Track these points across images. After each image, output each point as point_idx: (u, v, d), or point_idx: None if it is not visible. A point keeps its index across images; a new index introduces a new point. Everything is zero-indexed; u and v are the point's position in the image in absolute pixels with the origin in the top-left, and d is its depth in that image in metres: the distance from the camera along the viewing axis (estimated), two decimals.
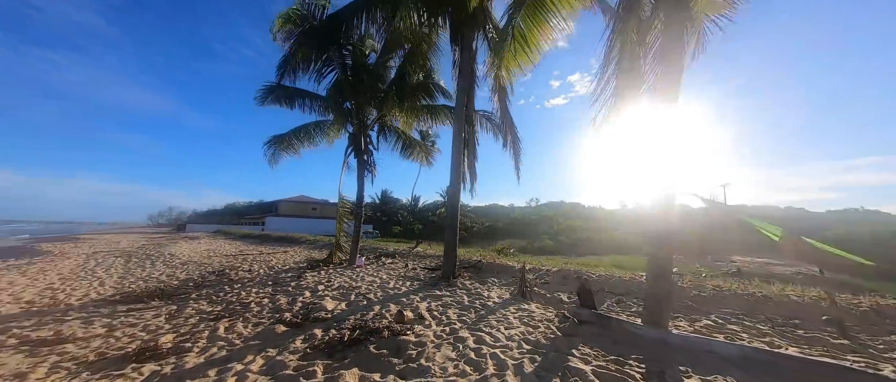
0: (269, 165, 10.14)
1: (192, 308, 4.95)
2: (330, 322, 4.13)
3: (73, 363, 3.09)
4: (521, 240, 30.94)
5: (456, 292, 5.70)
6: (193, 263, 10.54)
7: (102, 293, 6.04)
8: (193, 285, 6.89)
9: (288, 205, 47.35)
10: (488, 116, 9.38)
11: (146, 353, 3.25)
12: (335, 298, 5.35)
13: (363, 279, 6.99)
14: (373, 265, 9.24)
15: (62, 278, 7.59)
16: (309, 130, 10.46)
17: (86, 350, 3.40)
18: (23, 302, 5.28)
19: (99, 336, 3.80)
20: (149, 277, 7.93)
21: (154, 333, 3.91)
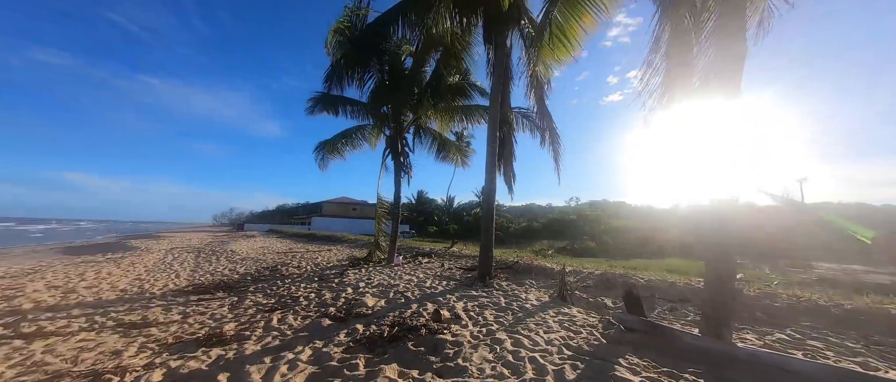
0: (319, 168, 10.86)
1: (250, 300, 5.46)
2: (371, 318, 4.31)
3: (156, 344, 3.56)
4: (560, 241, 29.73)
5: (492, 293, 5.64)
6: (250, 259, 11.60)
7: (178, 285, 6.88)
8: (251, 279, 7.58)
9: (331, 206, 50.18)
10: (525, 114, 9.16)
11: (213, 339, 3.64)
12: (375, 295, 5.56)
13: (401, 277, 7.19)
14: (410, 263, 9.47)
15: (147, 270, 8.77)
16: (351, 134, 11.02)
17: (165, 333, 3.90)
18: (118, 290, 6.20)
19: (176, 322, 4.33)
20: (214, 271, 8.88)
21: (219, 321, 4.37)
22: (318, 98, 10.07)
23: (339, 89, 9.81)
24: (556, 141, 8.25)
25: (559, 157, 8.35)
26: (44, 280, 6.67)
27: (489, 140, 7.08)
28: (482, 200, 7.82)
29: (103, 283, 6.71)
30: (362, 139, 11.37)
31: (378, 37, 8.41)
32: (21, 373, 2.83)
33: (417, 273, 7.68)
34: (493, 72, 7.21)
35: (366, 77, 9.56)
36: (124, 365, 2.99)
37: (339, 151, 11.03)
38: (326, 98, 10.04)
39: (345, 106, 10.42)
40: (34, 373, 2.83)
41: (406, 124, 10.52)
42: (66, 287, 6.17)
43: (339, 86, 9.68)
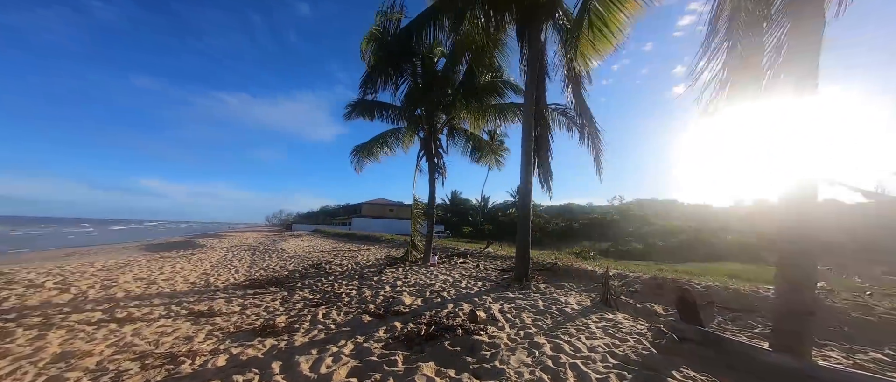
0: (355, 171, 11.38)
1: (299, 295, 5.86)
2: (408, 316, 4.41)
3: (220, 332, 3.96)
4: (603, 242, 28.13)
5: (530, 295, 5.49)
6: (298, 257, 12.45)
7: (237, 279, 7.59)
8: (298, 275, 8.14)
9: (369, 207, 52.25)
10: (563, 110, 8.82)
11: (267, 330, 3.97)
12: (412, 294, 5.68)
13: (437, 277, 7.27)
14: (445, 263, 9.54)
15: (212, 265, 9.78)
16: (386, 137, 11.39)
17: (228, 323, 4.32)
18: (189, 283, 6.99)
19: (235, 313, 4.78)
20: (267, 267, 9.66)
21: (272, 313, 4.75)
22: (355, 104, 10.53)
23: (374, 94, 10.18)
24: (596, 137, 7.83)
25: (600, 154, 7.91)
26: (132, 273, 7.72)
27: (524, 138, 6.91)
28: (518, 199, 7.67)
29: (177, 276, 7.61)
30: (397, 142, 11.71)
31: (410, 41, 8.62)
32: (116, 352, 3.30)
33: (453, 273, 7.72)
34: (527, 68, 7.04)
35: (399, 81, 9.82)
36: (195, 350, 3.36)
37: (375, 154, 11.45)
38: (362, 103, 10.47)
39: (380, 110, 10.81)
40: (126, 352, 3.29)
41: (439, 126, 10.64)
42: (149, 279, 7.09)
43: (373, 91, 10.05)
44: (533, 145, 7.07)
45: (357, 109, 10.59)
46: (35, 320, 4.11)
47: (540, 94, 7.46)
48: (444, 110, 10.30)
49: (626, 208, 41.66)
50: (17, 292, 5.32)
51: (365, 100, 10.33)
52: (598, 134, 7.83)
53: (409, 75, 9.81)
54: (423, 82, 9.89)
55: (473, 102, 9.52)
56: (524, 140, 6.91)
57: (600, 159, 7.93)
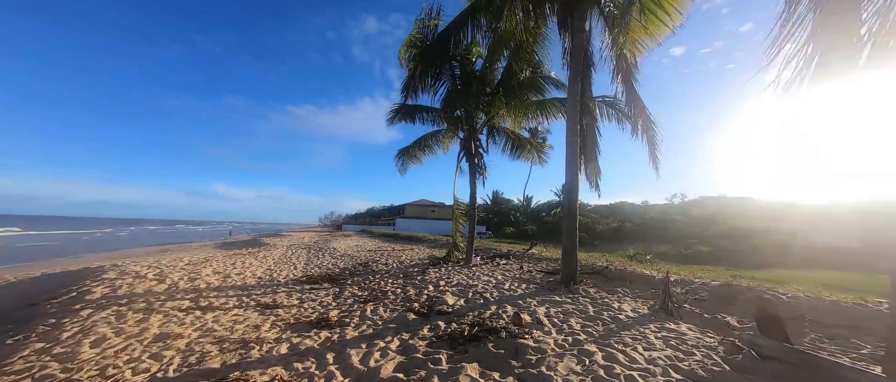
0: (400, 173, 11.81)
1: (349, 292, 6.22)
2: (451, 316, 4.44)
3: (282, 323, 4.35)
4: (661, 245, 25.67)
5: (578, 299, 5.21)
6: (347, 255, 13.23)
7: (296, 275, 8.29)
8: (348, 273, 8.64)
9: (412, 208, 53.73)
10: (610, 103, 8.26)
11: (322, 322, 4.27)
12: (455, 294, 5.72)
13: (479, 278, 7.23)
14: (487, 264, 9.45)
15: (275, 262, 10.81)
16: (427, 140, 11.64)
17: (288, 314, 4.74)
18: (256, 277, 7.80)
19: (295, 306, 5.23)
20: (321, 265, 10.41)
21: (326, 308, 5.10)
22: (397, 109, 10.91)
23: (415, 99, 10.44)
24: (651, 129, 7.18)
25: (656, 147, 7.24)
26: (211, 268, 8.83)
27: (568, 134, 6.59)
28: (563, 198, 7.33)
29: (246, 271, 8.54)
30: (437, 144, 11.88)
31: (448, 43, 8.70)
32: (201, 335, 3.80)
33: (495, 275, 7.61)
34: (571, 61, 6.70)
35: (438, 84, 9.97)
36: (262, 337, 3.74)
37: (417, 156, 11.75)
38: (404, 108, 10.82)
39: (420, 113, 11.08)
40: (208, 336, 3.77)
41: (479, 126, 10.58)
42: (224, 273, 8.05)
43: (414, 95, 10.31)
44: (578, 141, 6.71)
45: (399, 113, 10.97)
46: (140, 305, 4.89)
47: (585, 86, 7.06)
48: (483, 110, 10.23)
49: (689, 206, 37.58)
50: (128, 281, 6.38)
51: (406, 105, 10.66)
52: (652, 126, 7.18)
53: (447, 78, 9.91)
54: (461, 84, 9.93)
55: (513, 99, 9.32)
56: (568, 136, 6.58)
57: (656, 153, 7.26)
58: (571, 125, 6.58)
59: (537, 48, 8.30)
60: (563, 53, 7.26)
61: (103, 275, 6.86)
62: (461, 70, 10.01)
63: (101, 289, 5.69)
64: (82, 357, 3.14)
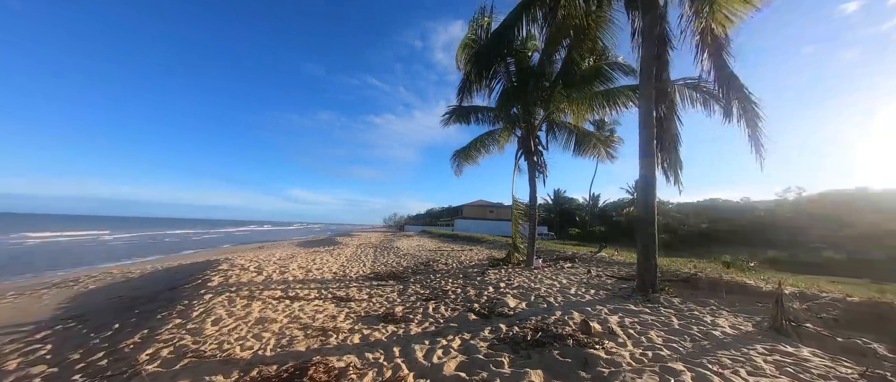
0: (455, 174, 11.99)
1: (412, 289, 6.51)
2: (512, 319, 4.33)
3: (354, 315, 4.75)
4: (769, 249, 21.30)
5: (659, 310, 4.62)
6: (410, 255, 13.87)
7: (364, 272, 8.98)
8: (411, 271, 9.05)
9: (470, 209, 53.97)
10: (694, 85, 7.19)
11: (389, 317, 4.55)
12: (516, 297, 5.56)
13: (542, 281, 6.92)
14: (550, 267, 8.99)
15: (347, 259, 11.87)
16: (483, 140, 11.59)
17: (360, 308, 5.16)
18: (332, 272, 8.66)
19: (365, 300, 5.66)
20: (386, 263, 11.10)
21: (392, 303, 5.42)
22: (451, 111, 11.04)
23: (470, 99, 10.47)
24: (751, 110, 6.00)
25: (757, 130, 6.02)
26: (296, 263, 10.10)
27: (641, 125, 5.90)
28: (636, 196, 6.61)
29: (324, 267, 9.54)
30: (493, 143, 11.75)
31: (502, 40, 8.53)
32: (290, 321, 4.37)
33: (559, 279, 7.21)
34: (642, 43, 6.00)
35: (493, 83, 9.83)
36: (338, 327, 4.14)
37: (473, 157, 11.77)
38: (459, 110, 10.90)
39: (475, 114, 11.05)
40: (295, 323, 4.32)
41: (537, 122, 10.15)
42: (307, 268, 9.12)
43: (469, 96, 10.34)
44: (654, 131, 5.96)
45: (453, 115, 11.08)
46: (245, 292, 5.82)
47: (660, 69, 6.24)
48: (541, 105, 9.78)
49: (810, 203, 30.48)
50: (236, 272, 7.65)
51: (461, 106, 10.74)
52: (753, 107, 6.00)
53: (502, 76, 9.73)
54: (517, 80, 9.64)
55: (574, 92, 8.73)
56: (642, 126, 5.90)
57: (759, 138, 6.04)
58: (645, 114, 5.89)
59: (601, 33, 7.64)
60: (632, 34, 6.55)
61: (218, 267, 8.34)
62: (516, 66, 9.73)
63: (218, 278, 6.92)
64: (206, 333, 3.86)
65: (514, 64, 9.71)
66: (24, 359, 3.68)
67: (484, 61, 9.12)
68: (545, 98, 9.23)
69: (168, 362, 3.12)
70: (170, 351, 3.34)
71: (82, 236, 31.13)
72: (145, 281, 8.54)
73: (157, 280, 8.43)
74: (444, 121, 11.30)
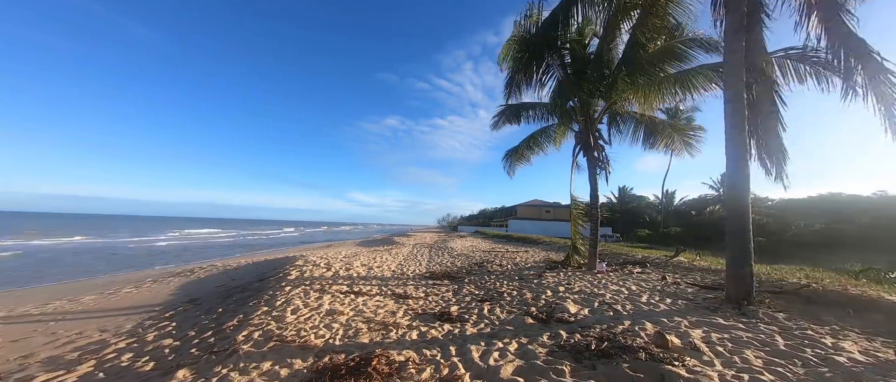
0: (508, 175, 11.71)
1: (466, 290, 6.53)
2: (573, 326, 4.07)
3: (411, 312, 4.94)
4: None
5: (757, 326, 3.92)
6: (463, 255, 13.95)
7: (420, 271, 9.29)
8: (465, 272, 9.09)
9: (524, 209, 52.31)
10: (801, 56, 5.95)
11: (444, 316, 4.63)
12: (577, 302, 5.22)
13: (606, 286, 6.39)
14: (616, 272, 8.25)
15: (404, 258, 12.41)
16: (536, 138, 11.13)
17: (417, 305, 5.34)
18: (391, 270, 9.13)
19: (421, 298, 5.85)
20: (441, 263, 11.33)
21: (447, 303, 5.50)
22: (501, 112, 10.76)
23: (519, 97, 10.12)
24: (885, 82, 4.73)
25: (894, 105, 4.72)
26: (359, 261, 10.88)
27: (728, 109, 5.07)
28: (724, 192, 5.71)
29: (384, 265, 10.12)
30: (547, 140, 11.21)
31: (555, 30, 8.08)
32: (355, 315, 4.72)
33: (627, 284, 6.57)
34: (726, 12, 5.15)
35: (545, 78, 9.37)
36: (397, 322, 4.34)
37: (526, 156, 11.36)
38: (509, 110, 10.61)
39: (526, 111, 10.63)
40: (359, 316, 4.65)
41: (597, 114, 9.41)
42: (369, 265, 9.76)
43: (517, 94, 10.00)
44: (745, 115, 5.08)
45: (503, 115, 10.80)
46: (317, 286, 6.46)
47: (753, 40, 5.30)
48: (601, 96, 9.03)
49: None
50: (309, 268, 8.53)
51: (510, 105, 10.44)
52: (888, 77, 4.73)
53: (556, 68, 9.23)
54: (572, 71, 9.06)
55: (641, 77, 7.88)
56: (728, 111, 5.07)
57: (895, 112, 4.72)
58: (733, 96, 5.05)
59: (672, 8, 6.80)
60: (713, 3, 5.67)
61: (295, 262, 9.39)
62: (571, 57, 9.16)
63: (295, 273, 7.79)
64: (287, 320, 4.38)
65: (569, 54, 9.16)
66: (157, 333, 4.59)
67: (535, 54, 8.76)
68: (606, 88, 8.51)
69: (258, 343, 3.60)
70: (259, 334, 3.86)
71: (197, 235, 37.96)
72: (240, 273, 10.01)
73: (247, 273, 9.82)
74: (494, 123, 11.10)
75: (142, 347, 4.06)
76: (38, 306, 6.65)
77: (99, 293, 7.81)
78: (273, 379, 2.79)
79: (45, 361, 3.81)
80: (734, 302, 4.75)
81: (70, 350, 4.10)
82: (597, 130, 9.32)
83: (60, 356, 3.95)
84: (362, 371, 2.81)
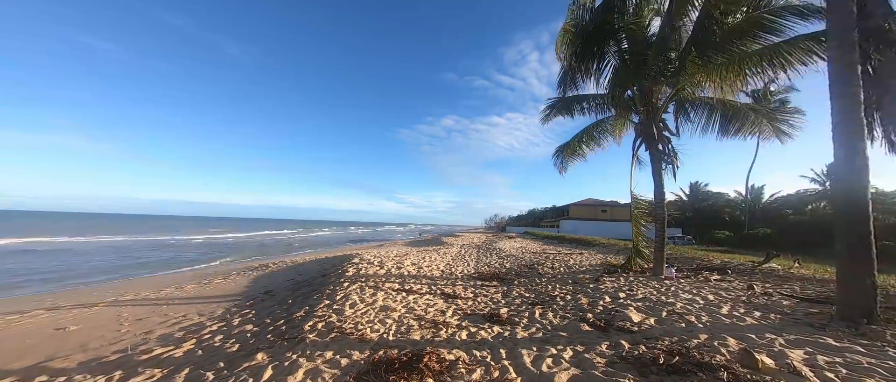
0: (559, 172, 11.11)
1: (516, 292, 6.37)
2: (637, 336, 3.73)
3: (460, 312, 4.97)
4: None
5: (884, 350, 3.18)
6: (512, 256, 13.63)
7: (469, 271, 9.29)
8: (514, 273, 8.87)
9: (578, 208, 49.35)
10: None
11: (494, 317, 4.57)
12: (641, 311, 4.77)
13: (677, 295, 5.73)
14: (688, 279, 7.36)
15: (452, 259, 12.54)
16: (591, 132, 10.43)
17: (465, 305, 5.36)
18: (440, 270, 9.29)
19: (470, 298, 5.85)
20: (489, 264, 11.21)
21: (496, 304, 5.42)
22: (552, 104, 10.21)
23: (574, 88, 9.56)
24: None
25: None
26: (409, 260, 11.27)
27: (836, 85, 4.19)
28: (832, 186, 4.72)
29: (433, 265, 10.34)
30: (603, 134, 10.43)
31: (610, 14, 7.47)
32: (406, 312, 4.90)
33: (703, 293, 5.82)
34: None
35: (602, 66, 8.72)
36: (447, 321, 4.40)
37: (579, 152, 10.69)
38: (561, 102, 10.03)
39: (579, 104, 9.95)
40: (411, 313, 4.81)
41: (662, 103, 8.49)
42: (419, 265, 10.06)
43: (573, 85, 9.47)
44: (859, 91, 4.15)
45: (554, 109, 10.25)
46: (371, 283, 6.83)
47: None
48: (666, 82, 8.13)
49: None
50: (364, 266, 9.07)
51: (564, 97, 9.91)
52: None
53: (613, 55, 8.54)
54: (631, 58, 8.30)
55: (716, 55, 6.90)
56: (837, 85, 4.19)
57: None
58: (843, 69, 4.16)
59: None
60: None
61: (352, 260, 10.06)
62: (629, 41, 8.39)
63: (352, 270, 8.35)
64: (346, 314, 4.71)
65: (627, 39, 8.41)
66: (241, 319, 5.26)
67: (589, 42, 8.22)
68: (672, 72, 7.63)
69: (321, 333, 3.93)
70: (322, 325, 4.20)
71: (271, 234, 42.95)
72: (305, 268, 11.05)
73: (311, 269, 10.78)
74: (544, 117, 10.57)
75: (229, 330, 4.70)
76: (154, 292, 8.08)
77: (197, 283, 9.23)
78: (334, 367, 3.02)
79: (159, 337, 4.61)
80: (849, 319, 3.91)
81: (177, 330, 4.91)
82: (661, 121, 8.41)
83: (170, 334, 4.76)
84: (415, 366, 2.89)
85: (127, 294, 7.83)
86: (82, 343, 4.46)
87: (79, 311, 6.22)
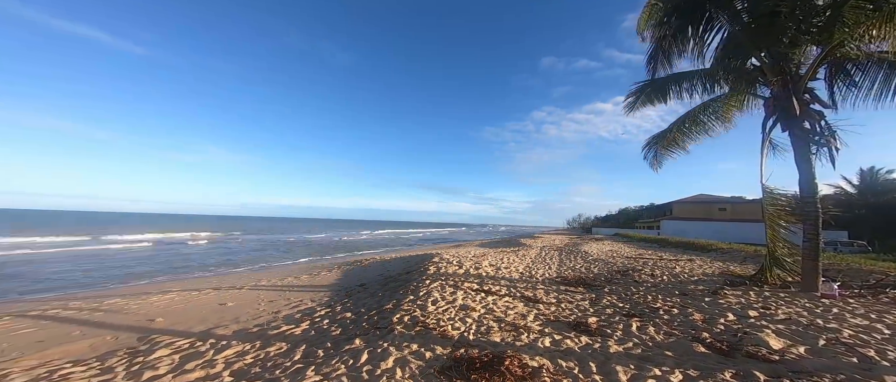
0: (652, 167, 9.57)
1: (607, 300, 5.74)
2: (778, 367, 2.95)
3: (542, 317, 4.72)
4: None
5: None
6: (601, 261, 12.35)
7: (550, 275, 8.78)
8: (604, 279, 8.02)
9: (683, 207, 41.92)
10: None
11: (581, 326, 4.21)
12: (782, 334, 3.77)
13: (842, 318, 4.36)
14: (862, 299, 5.52)
15: (532, 261, 12.04)
16: (694, 116, 8.70)
17: (548, 311, 5.07)
18: (519, 272, 9.01)
19: (552, 304, 5.51)
20: (574, 267, 10.39)
21: (584, 312, 4.99)
22: (639, 90, 8.60)
23: (667, 68, 8.15)
24: None
25: None
26: (487, 260, 11.24)
27: None
28: None
29: (511, 266, 10.10)
30: (713, 118, 8.57)
31: None
32: (485, 312, 4.90)
33: (885, 318, 4.29)
34: None
35: (707, 35, 7.21)
36: (528, 326, 4.24)
37: (679, 142, 8.98)
38: (651, 85, 8.44)
39: (675, 85, 8.19)
40: (490, 314, 4.79)
41: (808, 68, 6.58)
42: (497, 266, 9.96)
43: (666, 64, 8.09)
44: None
45: (642, 94, 8.60)
46: (451, 282, 7.05)
47: None
48: (814, 40, 6.27)
49: None
50: (444, 265, 9.42)
51: (654, 80, 8.42)
52: None
53: (723, 18, 6.96)
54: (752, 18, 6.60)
55: None
56: None
57: None
58: None
59: None
60: None
61: (433, 259, 10.57)
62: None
63: (433, 268, 8.77)
64: (428, 310, 4.96)
65: None
66: (341, 307, 6.04)
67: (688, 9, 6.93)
68: (822, 25, 5.82)
69: (408, 326, 4.23)
70: (408, 319, 4.52)
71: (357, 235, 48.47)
72: (392, 265, 12.06)
73: (397, 266, 11.71)
74: (628, 106, 8.97)
75: (334, 316, 5.45)
76: (279, 279, 9.93)
77: (309, 274, 10.98)
78: (419, 359, 3.21)
79: (284, 317, 5.63)
80: None
81: (296, 312, 5.93)
82: (807, 90, 6.52)
83: (292, 315, 5.76)
84: (496, 368, 2.87)
85: (262, 281, 9.81)
86: (235, 317, 5.76)
87: (234, 292, 8.06)
